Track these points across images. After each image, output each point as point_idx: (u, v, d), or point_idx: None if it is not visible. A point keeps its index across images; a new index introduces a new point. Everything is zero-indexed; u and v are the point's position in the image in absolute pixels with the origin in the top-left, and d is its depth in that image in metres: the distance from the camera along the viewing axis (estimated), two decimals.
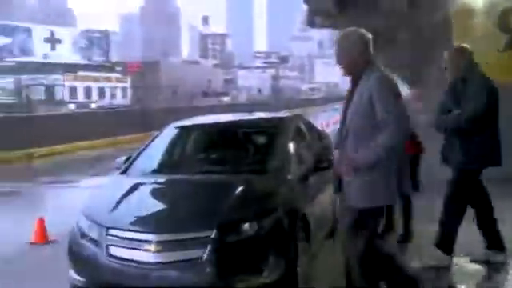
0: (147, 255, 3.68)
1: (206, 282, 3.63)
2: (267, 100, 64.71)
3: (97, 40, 68.07)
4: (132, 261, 3.70)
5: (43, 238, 6.27)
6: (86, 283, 3.91)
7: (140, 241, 3.74)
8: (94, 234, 3.94)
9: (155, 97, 51.26)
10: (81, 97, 60.20)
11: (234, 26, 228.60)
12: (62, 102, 56.14)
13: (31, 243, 6.25)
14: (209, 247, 3.65)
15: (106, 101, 58.81)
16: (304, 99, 75.41)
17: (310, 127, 5.82)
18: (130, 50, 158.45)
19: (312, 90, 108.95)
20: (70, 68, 60.82)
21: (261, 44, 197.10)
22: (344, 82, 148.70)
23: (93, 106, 55.22)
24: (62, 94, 58.84)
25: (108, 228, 3.88)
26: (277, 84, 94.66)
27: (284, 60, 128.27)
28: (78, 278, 3.96)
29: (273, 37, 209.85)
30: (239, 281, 3.66)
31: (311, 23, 19.14)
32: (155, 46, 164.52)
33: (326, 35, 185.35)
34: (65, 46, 65.30)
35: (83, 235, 4.02)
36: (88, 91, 61.86)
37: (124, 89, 64.15)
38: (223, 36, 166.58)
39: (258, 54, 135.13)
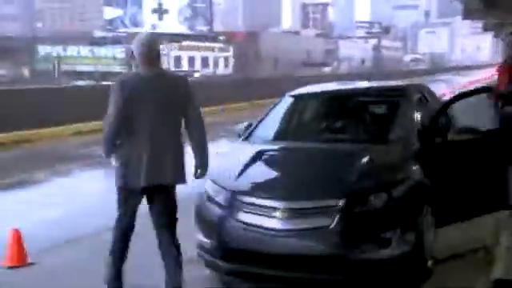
0: (274, 222, 3.72)
1: (333, 251, 3.63)
2: (369, 71, 63.23)
3: (201, 10, 69.54)
4: (259, 226, 3.77)
5: None
6: (212, 246, 4.00)
7: (267, 207, 3.79)
8: (221, 199, 4.03)
9: (256, 67, 51.79)
10: (185, 66, 62.22)
11: None
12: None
13: None
14: (337, 216, 3.64)
15: (209, 70, 60.46)
16: (407, 70, 72.84)
17: (433, 97, 5.67)
18: (231, 21, 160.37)
19: (414, 60, 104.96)
20: (175, 38, 62.79)
21: (363, 13, 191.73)
22: (451, 52, 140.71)
23: (196, 75, 56.91)
24: (167, 63, 61.08)
25: (235, 193, 3.97)
26: (378, 55, 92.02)
27: (387, 30, 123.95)
28: (206, 240, 4.07)
29: (375, 5, 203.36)
30: (367, 252, 3.65)
31: None
32: (256, 17, 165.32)
33: (433, 3, 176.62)
34: (171, 16, 67.40)
35: (210, 199, 4.12)
36: (192, 61, 63.74)
37: (226, 58, 65.56)
38: (324, 5, 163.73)
39: (360, 24, 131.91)
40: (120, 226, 3.85)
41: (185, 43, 64.02)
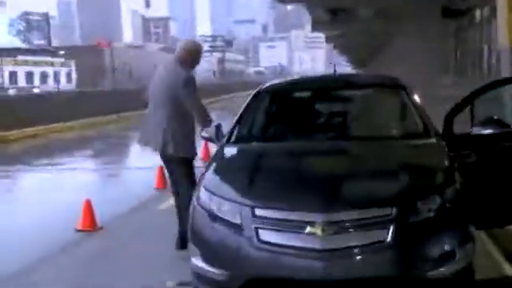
0: (312, 240, 2.93)
1: (392, 271, 2.92)
2: (217, 83, 64.32)
3: (36, 23, 65.34)
4: (290, 247, 2.95)
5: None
6: (227, 276, 3.10)
7: (301, 222, 2.97)
8: (231, 216, 3.14)
9: (103, 80, 49.85)
10: (22, 82, 57.80)
11: (176, 9, 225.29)
12: (2, 88, 53.62)
13: None
14: (391, 228, 2.92)
15: (50, 85, 56.73)
16: (252, 81, 75.49)
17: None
18: (69, 35, 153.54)
19: (258, 73, 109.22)
20: (9, 53, 58.16)
21: (204, 28, 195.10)
22: (290, 65, 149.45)
23: (35, 91, 52.99)
24: (1, 79, 56.24)
25: (254, 207, 3.08)
26: (224, 67, 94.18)
27: (229, 44, 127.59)
28: (215, 270, 3.14)
29: (215, 20, 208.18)
30: (432, 268, 2.98)
31: None
32: (96, 31, 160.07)
33: (270, 18, 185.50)
34: (1, 29, 62.28)
35: (214, 217, 3.22)
36: (30, 76, 59.42)
37: (69, 73, 62.22)
38: (166, 20, 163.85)
39: (203, 38, 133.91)
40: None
41: (21, 58, 59.51)
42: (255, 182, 3.27)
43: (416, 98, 4.25)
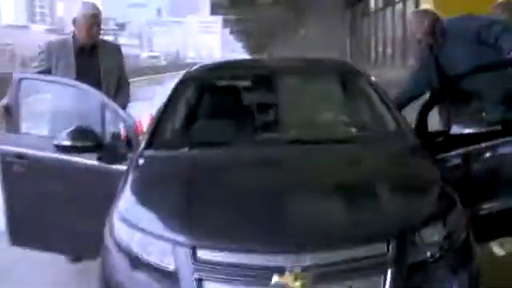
0: None
1: None
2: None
3: None
4: None
5: None
6: None
7: (266, 268, 2.12)
8: (162, 260, 2.23)
9: None
10: None
11: None
12: None
13: None
14: (389, 272, 2.13)
15: None
16: (148, 67, 73.55)
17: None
18: None
19: (153, 58, 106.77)
20: None
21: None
22: (186, 50, 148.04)
23: None
24: None
25: (195, 247, 2.19)
26: None
27: (122, 27, 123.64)
28: None
29: (107, 2, 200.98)
30: None
31: None
32: None
33: (164, 2, 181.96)
34: None
35: (136, 261, 2.27)
36: None
37: None
38: None
39: None
40: None
41: None
42: (194, 209, 2.36)
43: (378, 86, 3.49)
